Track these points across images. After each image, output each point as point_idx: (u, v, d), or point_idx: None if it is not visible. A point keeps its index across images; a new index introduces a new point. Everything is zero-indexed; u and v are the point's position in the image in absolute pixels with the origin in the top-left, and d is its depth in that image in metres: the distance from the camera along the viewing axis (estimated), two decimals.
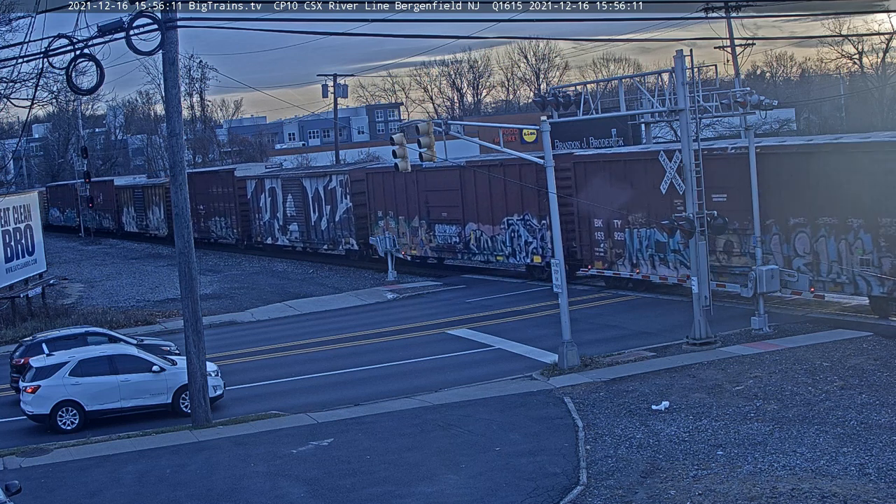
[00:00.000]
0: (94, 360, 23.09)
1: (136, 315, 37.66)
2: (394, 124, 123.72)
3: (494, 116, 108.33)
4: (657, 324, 28.30)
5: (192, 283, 22.04)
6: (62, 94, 56.48)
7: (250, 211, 57.58)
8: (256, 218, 56.77)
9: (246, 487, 17.23)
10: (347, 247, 48.32)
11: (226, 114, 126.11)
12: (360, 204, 46.94)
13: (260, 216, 56.28)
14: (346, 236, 47.96)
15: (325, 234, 49.73)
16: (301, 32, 39.77)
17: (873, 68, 67.74)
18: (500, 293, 36.48)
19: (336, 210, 48.63)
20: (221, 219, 60.85)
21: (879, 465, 15.58)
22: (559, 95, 27.48)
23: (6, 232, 37.64)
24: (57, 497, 17.58)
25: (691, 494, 15.00)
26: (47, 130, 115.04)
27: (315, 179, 50.47)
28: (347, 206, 47.51)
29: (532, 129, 27.40)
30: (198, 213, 61.09)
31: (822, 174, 26.05)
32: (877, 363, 21.52)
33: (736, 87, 27.98)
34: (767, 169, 26.76)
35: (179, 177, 22.05)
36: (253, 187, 56.95)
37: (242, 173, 59.28)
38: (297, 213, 52.05)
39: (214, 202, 61.37)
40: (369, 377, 25.50)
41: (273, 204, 54.60)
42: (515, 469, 16.96)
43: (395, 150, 25.34)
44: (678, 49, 24.84)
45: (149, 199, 71.61)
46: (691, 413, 19.26)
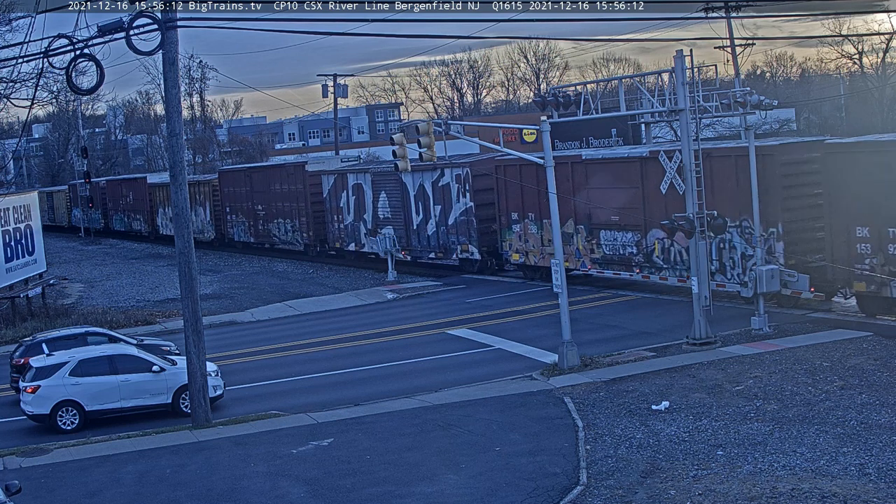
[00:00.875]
0: (94, 360, 23.09)
1: (136, 315, 37.66)
2: (394, 124, 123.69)
3: (494, 116, 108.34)
4: (657, 324, 28.30)
5: (192, 283, 22.04)
6: (62, 94, 56.72)
7: (326, 212, 49.73)
8: (335, 220, 49.05)
9: (246, 487, 17.23)
10: (465, 255, 40.34)
11: (226, 114, 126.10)
12: (484, 204, 39.14)
13: (339, 218, 48.56)
14: (464, 243, 40.13)
15: (433, 240, 41.90)
16: (301, 32, 39.72)
17: (873, 68, 67.74)
18: (500, 293, 36.47)
19: (449, 211, 40.73)
20: (286, 221, 52.97)
21: (879, 465, 15.58)
22: (559, 95, 27.47)
23: (6, 232, 37.63)
24: (57, 497, 17.58)
25: (691, 494, 15.00)
26: (47, 130, 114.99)
27: (419, 174, 41.67)
28: (467, 206, 39.66)
29: (532, 129, 27.42)
30: (255, 215, 56.06)
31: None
32: (877, 363, 21.52)
33: (736, 87, 27.96)
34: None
35: (179, 177, 22.06)
36: (331, 184, 49.05)
37: (316, 167, 51.71)
38: (392, 214, 44.34)
39: (278, 202, 53.66)
40: (369, 377, 25.50)
41: (359, 203, 46.70)
42: (515, 469, 16.96)
43: (395, 150, 25.34)
44: (678, 49, 24.87)
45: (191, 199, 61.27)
46: (691, 413, 19.26)
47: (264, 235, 55.48)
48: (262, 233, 55.45)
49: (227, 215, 59.99)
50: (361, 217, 46.65)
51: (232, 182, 59.79)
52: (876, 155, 25.37)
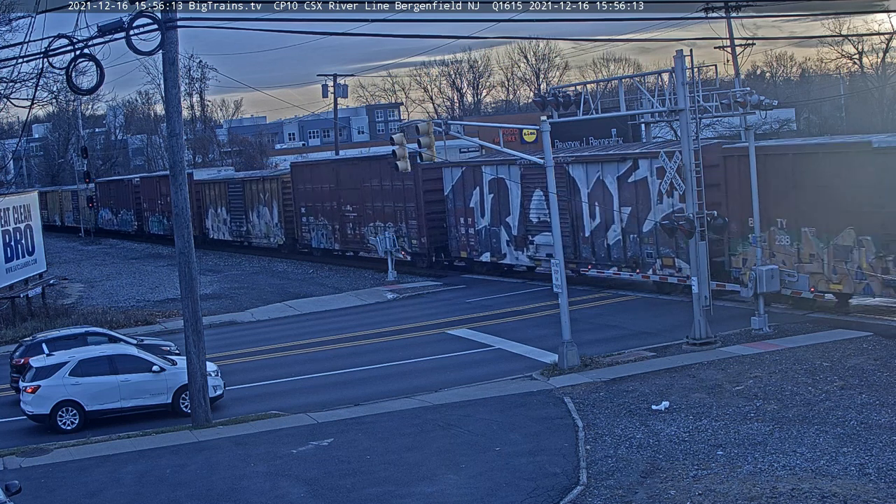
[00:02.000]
0: (94, 360, 23.09)
1: (136, 315, 37.68)
2: (394, 124, 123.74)
3: (494, 116, 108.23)
4: (657, 324, 28.30)
5: (192, 283, 22.05)
6: (62, 94, 56.54)
7: (448, 214, 41.20)
8: (460, 224, 40.54)
9: (246, 487, 17.23)
10: (667, 272, 31.22)
11: (226, 114, 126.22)
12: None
13: (467, 222, 40.00)
14: (667, 256, 31.13)
15: (615, 252, 33.27)
16: (301, 32, 39.80)
17: (873, 68, 67.77)
18: (500, 293, 36.46)
19: (644, 214, 31.95)
20: (389, 225, 43.87)
21: (879, 465, 15.57)
22: (559, 95, 27.46)
23: (6, 232, 37.64)
24: (57, 497, 17.58)
25: (691, 494, 15.00)
26: (47, 130, 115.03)
27: (596, 167, 33.62)
28: (674, 207, 30.30)
29: (532, 129, 27.46)
30: (342, 218, 47.47)
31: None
32: (877, 363, 21.52)
33: (736, 87, 27.94)
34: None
35: (179, 177, 22.07)
36: (456, 178, 40.36)
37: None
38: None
39: (376, 201, 44.81)
40: (369, 377, 25.50)
41: (499, 203, 38.12)
42: (515, 469, 16.96)
43: (395, 150, 25.34)
44: (678, 49, 24.87)
45: (252, 197, 56.43)
46: (691, 413, 19.25)
47: (355, 242, 46.47)
48: (351, 238, 46.45)
49: (302, 217, 51.37)
50: (502, 220, 37.75)
51: (309, 177, 50.59)
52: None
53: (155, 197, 69.27)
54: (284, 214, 52.99)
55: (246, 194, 56.88)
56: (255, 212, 56.02)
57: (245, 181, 57.62)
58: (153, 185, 70.12)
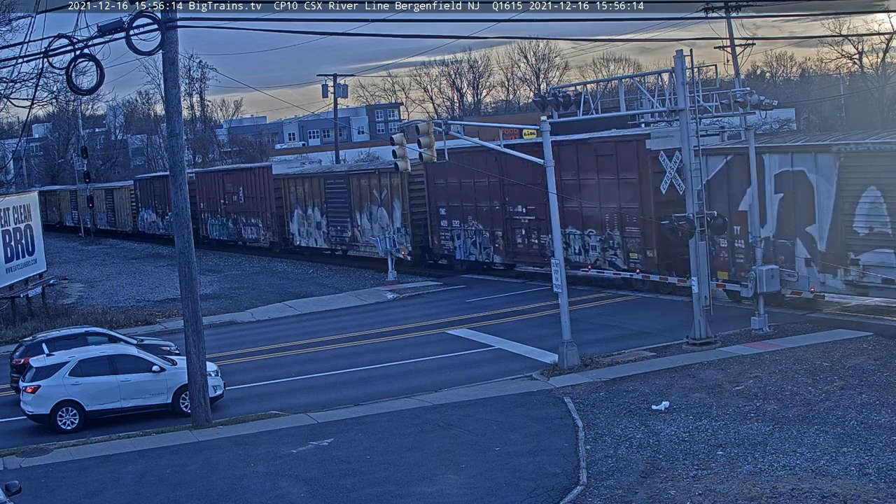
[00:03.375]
0: (94, 360, 23.09)
1: (136, 315, 37.69)
2: (394, 124, 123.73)
3: (494, 116, 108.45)
4: (657, 324, 28.30)
5: (192, 283, 22.04)
6: (62, 94, 56.54)
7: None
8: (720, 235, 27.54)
9: (246, 487, 17.23)
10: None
11: (226, 114, 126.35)
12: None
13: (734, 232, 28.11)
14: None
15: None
16: (301, 32, 39.78)
17: (873, 68, 67.77)
18: (499, 293, 36.45)
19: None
20: (588, 233, 33.45)
21: (879, 465, 15.57)
22: (559, 95, 27.47)
23: (6, 232, 37.65)
24: (57, 497, 17.58)
25: (691, 494, 15.00)
26: (47, 130, 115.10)
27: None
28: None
29: (532, 129, 27.44)
30: (511, 222, 36.84)
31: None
32: (877, 363, 21.52)
33: (736, 87, 27.94)
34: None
35: (179, 177, 22.07)
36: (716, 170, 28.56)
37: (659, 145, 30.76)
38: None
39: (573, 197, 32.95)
40: (369, 377, 25.50)
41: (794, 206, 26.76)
42: (515, 469, 16.96)
43: (395, 150, 25.34)
44: (678, 49, 24.87)
45: (361, 196, 45.76)
46: (691, 413, 19.25)
47: (529, 254, 36.17)
48: (525, 249, 36.14)
49: (439, 221, 41.51)
50: (801, 231, 26.64)
51: (449, 170, 38.27)
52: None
53: (217, 196, 60.04)
54: (411, 216, 42.62)
55: (353, 192, 46.25)
56: (366, 214, 45.37)
57: (351, 175, 46.68)
58: (216, 181, 60.84)
